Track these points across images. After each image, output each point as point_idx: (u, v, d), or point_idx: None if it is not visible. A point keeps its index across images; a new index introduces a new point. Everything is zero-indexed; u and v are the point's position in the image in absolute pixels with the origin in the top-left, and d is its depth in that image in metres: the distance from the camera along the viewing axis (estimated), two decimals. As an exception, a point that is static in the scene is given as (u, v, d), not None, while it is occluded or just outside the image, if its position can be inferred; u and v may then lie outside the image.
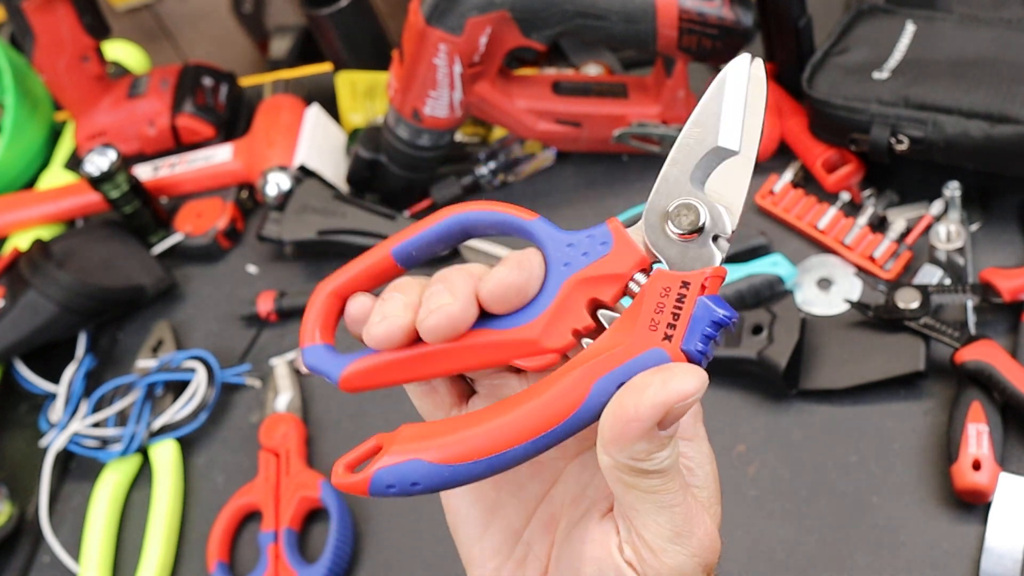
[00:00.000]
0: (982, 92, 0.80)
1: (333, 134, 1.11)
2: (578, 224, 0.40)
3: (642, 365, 0.35)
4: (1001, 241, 0.84)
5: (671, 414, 0.34)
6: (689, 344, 0.35)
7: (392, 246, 0.40)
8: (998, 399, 0.73)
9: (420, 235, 0.39)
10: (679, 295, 0.36)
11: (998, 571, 0.67)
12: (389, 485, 0.36)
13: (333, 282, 0.40)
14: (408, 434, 0.37)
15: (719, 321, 0.35)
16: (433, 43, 0.87)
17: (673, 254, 0.37)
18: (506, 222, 0.39)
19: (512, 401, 0.36)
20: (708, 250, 0.37)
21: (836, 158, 0.90)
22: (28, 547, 0.90)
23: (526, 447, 0.35)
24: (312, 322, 0.40)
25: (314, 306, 0.40)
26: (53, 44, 1.12)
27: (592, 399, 0.35)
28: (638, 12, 0.86)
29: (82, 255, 1.03)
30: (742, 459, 0.78)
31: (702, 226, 0.37)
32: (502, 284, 0.37)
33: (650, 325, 0.35)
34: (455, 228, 0.39)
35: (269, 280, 1.04)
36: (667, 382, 0.33)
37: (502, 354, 0.38)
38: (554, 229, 0.38)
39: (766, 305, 0.82)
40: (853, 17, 0.92)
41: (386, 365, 0.39)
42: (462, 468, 0.35)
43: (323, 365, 0.40)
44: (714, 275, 0.36)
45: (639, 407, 0.33)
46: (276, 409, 0.92)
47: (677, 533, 0.36)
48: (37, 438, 0.96)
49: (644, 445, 0.34)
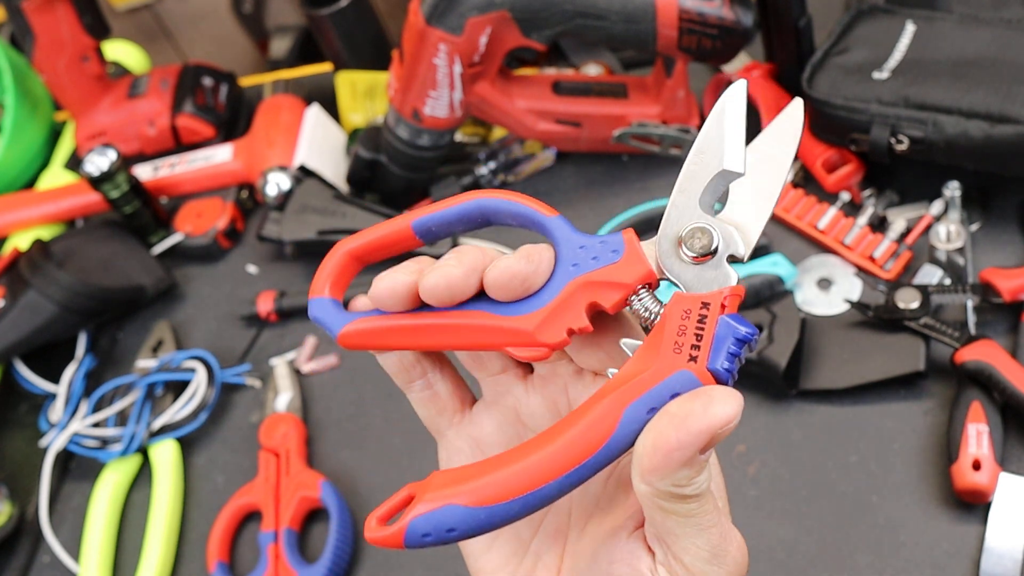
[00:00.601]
0: (982, 92, 0.80)
1: (333, 134, 1.11)
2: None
3: (670, 388, 0.35)
4: (1001, 241, 0.84)
5: (713, 439, 0.33)
6: (715, 363, 0.35)
7: (414, 218, 0.40)
8: (998, 399, 0.73)
9: (442, 212, 0.40)
10: (700, 316, 0.36)
11: (998, 571, 0.67)
12: (425, 534, 0.36)
13: (352, 242, 0.41)
14: (440, 480, 0.36)
15: (742, 338, 0.35)
16: (433, 43, 0.87)
17: (689, 277, 0.37)
18: (526, 215, 0.39)
19: (542, 438, 0.36)
20: (723, 270, 0.37)
21: (836, 158, 0.90)
22: (28, 547, 0.90)
23: (560, 482, 0.35)
24: (325, 276, 0.42)
25: (330, 261, 0.42)
26: (53, 44, 1.12)
27: (624, 427, 0.35)
28: (638, 12, 0.86)
29: (82, 255, 1.03)
30: (742, 459, 0.78)
31: (715, 248, 0.37)
32: (508, 271, 0.38)
33: (674, 348, 0.35)
34: (476, 212, 0.40)
35: (269, 280, 1.05)
36: (707, 407, 0.33)
37: (496, 338, 0.38)
38: (571, 230, 0.39)
39: (766, 305, 0.82)
40: (853, 17, 0.92)
41: (384, 329, 0.40)
42: (498, 509, 0.35)
43: (326, 318, 0.41)
44: (732, 294, 0.36)
45: (681, 435, 0.33)
46: (276, 409, 0.92)
47: (714, 554, 0.36)
48: (37, 438, 0.96)
49: (686, 472, 0.34)
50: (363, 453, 0.88)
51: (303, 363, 0.95)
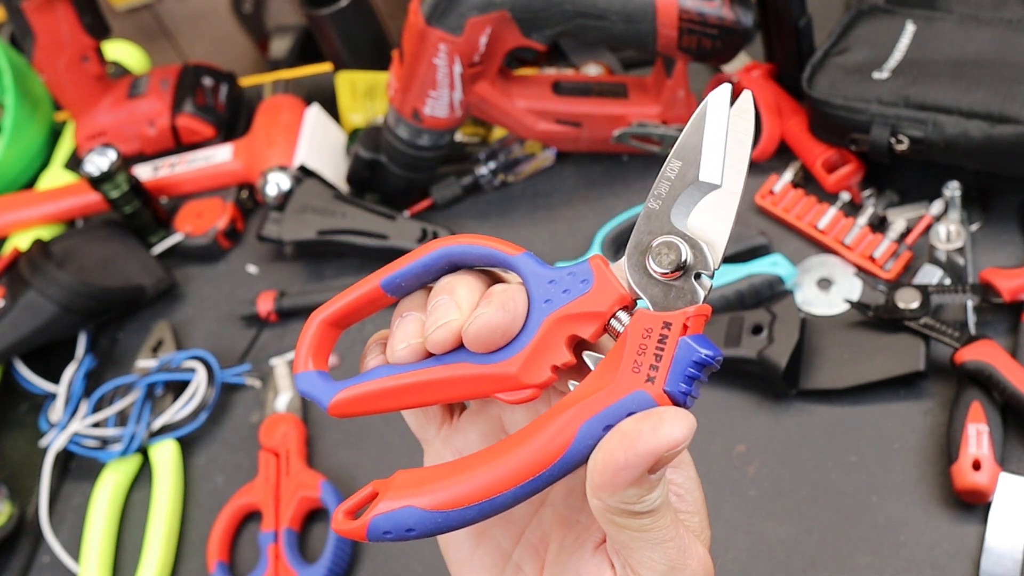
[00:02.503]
0: (982, 92, 0.80)
1: (333, 134, 1.11)
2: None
3: (626, 408, 0.35)
4: (1001, 241, 0.84)
5: (660, 461, 0.34)
6: (672, 385, 0.35)
7: (381, 277, 0.40)
8: (998, 399, 0.73)
9: (408, 267, 0.40)
10: (660, 336, 0.36)
11: (998, 571, 0.67)
12: (386, 531, 0.36)
13: (325, 311, 0.41)
14: (402, 481, 0.37)
15: (701, 361, 0.35)
16: (433, 43, 0.87)
17: (656, 293, 0.37)
18: (492, 256, 0.39)
19: (501, 446, 0.37)
20: (691, 288, 0.37)
21: (836, 158, 0.90)
22: (28, 547, 0.90)
23: (515, 492, 0.36)
24: (305, 350, 0.41)
25: (307, 334, 0.41)
26: (53, 44, 1.12)
27: (579, 442, 0.35)
28: (638, 12, 0.86)
29: (82, 255, 1.03)
30: (742, 459, 0.78)
31: (684, 264, 0.37)
32: (486, 327, 0.37)
33: (633, 367, 0.36)
34: (442, 260, 0.40)
35: (269, 280, 1.05)
36: (656, 429, 0.33)
37: (483, 387, 0.38)
38: (538, 264, 0.39)
39: (766, 305, 0.82)
40: (853, 17, 0.92)
41: (372, 394, 0.40)
42: (454, 514, 0.36)
43: (314, 391, 0.41)
44: (696, 314, 0.36)
45: (628, 455, 0.33)
46: (276, 409, 0.92)
47: (672, 567, 0.36)
48: (37, 438, 0.96)
49: (635, 490, 0.34)
50: (363, 453, 0.88)
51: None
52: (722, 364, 0.80)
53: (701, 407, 0.82)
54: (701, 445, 0.79)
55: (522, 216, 1.00)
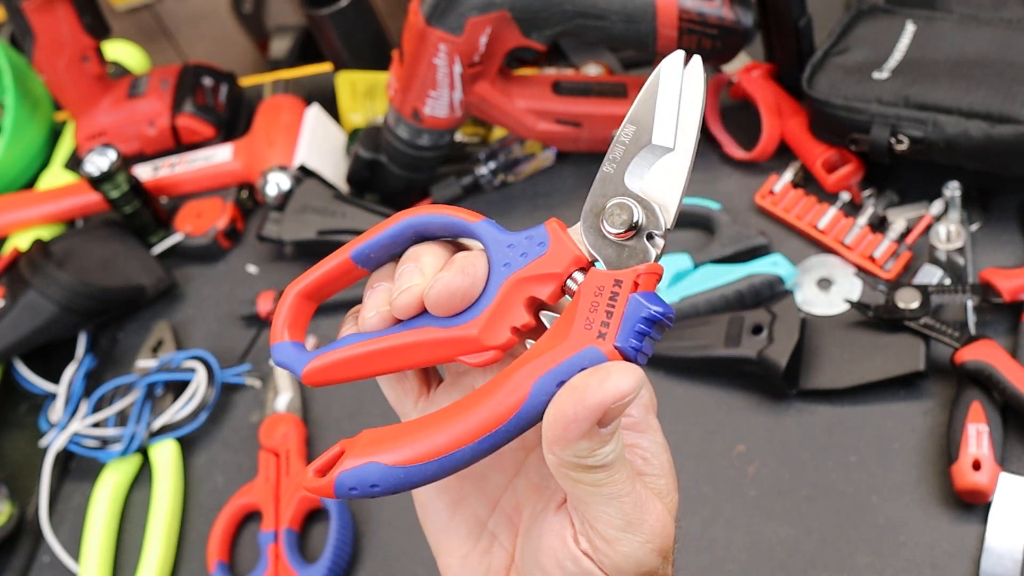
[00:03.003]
0: (982, 92, 0.80)
1: (333, 134, 1.11)
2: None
3: (578, 364, 0.36)
4: (1001, 241, 0.84)
5: (609, 413, 0.35)
6: (622, 341, 0.36)
7: (351, 250, 0.42)
8: (998, 399, 0.73)
9: (375, 238, 0.41)
10: (612, 293, 0.37)
11: (998, 571, 0.67)
12: (351, 488, 0.38)
13: (299, 284, 0.43)
14: (366, 439, 0.38)
15: (650, 317, 0.36)
16: (433, 43, 0.87)
17: (610, 253, 0.38)
18: (453, 223, 0.41)
19: (460, 404, 0.38)
20: (643, 247, 0.38)
21: (836, 158, 0.90)
22: (28, 547, 0.90)
23: (473, 447, 0.37)
24: (281, 321, 0.43)
25: (283, 306, 0.43)
26: (53, 44, 1.12)
27: (533, 399, 0.36)
28: (638, 12, 0.86)
29: (82, 255, 1.03)
30: (742, 459, 0.78)
31: (636, 224, 0.37)
32: (446, 289, 0.39)
33: (585, 324, 0.37)
34: (407, 230, 0.41)
35: (269, 280, 1.05)
36: (603, 382, 0.34)
37: (446, 351, 0.40)
38: (497, 231, 0.40)
39: (766, 305, 0.82)
40: (853, 17, 0.92)
41: (342, 361, 0.41)
42: (415, 469, 0.37)
43: (288, 360, 0.43)
44: (648, 272, 0.37)
45: (577, 408, 0.34)
46: (276, 409, 0.92)
47: (628, 522, 0.37)
48: (37, 438, 0.96)
49: (586, 444, 0.35)
50: (363, 453, 0.88)
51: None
52: (722, 363, 0.80)
53: (701, 407, 0.82)
54: (701, 445, 0.80)
55: (522, 216, 1.00)
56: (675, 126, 0.38)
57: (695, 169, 0.38)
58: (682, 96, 0.38)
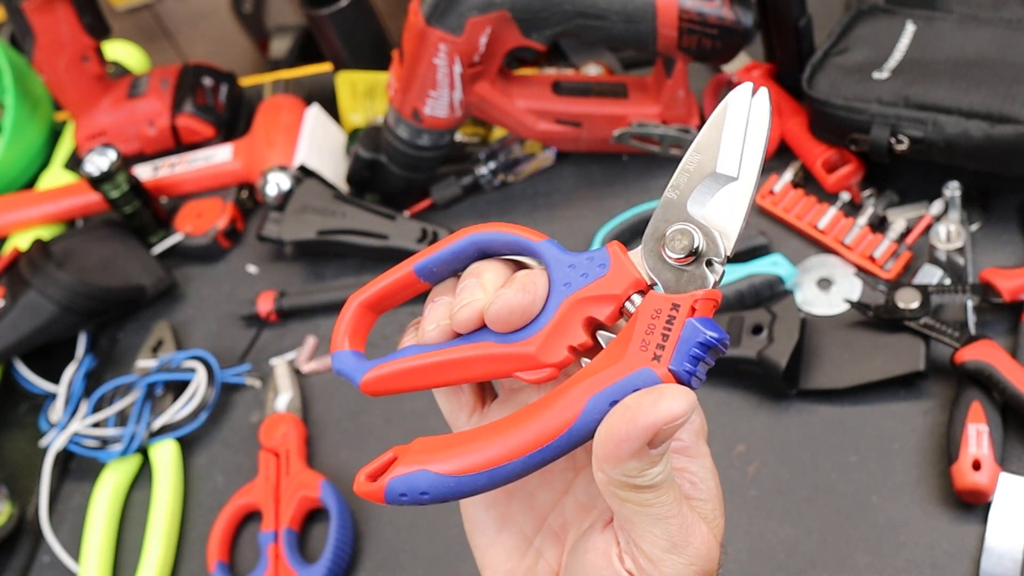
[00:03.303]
0: (982, 92, 0.80)
1: (333, 134, 1.11)
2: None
3: (632, 384, 0.36)
4: (1001, 241, 0.84)
5: (660, 434, 0.35)
6: (677, 364, 0.37)
7: (414, 263, 0.43)
8: (998, 399, 0.73)
9: (439, 253, 0.42)
10: (669, 317, 0.37)
11: (998, 571, 0.67)
12: (402, 494, 0.38)
13: (362, 294, 0.44)
14: (419, 447, 0.39)
15: (706, 342, 0.37)
16: (433, 43, 0.87)
17: (669, 277, 0.39)
18: (516, 242, 0.41)
19: (513, 418, 0.38)
20: (701, 273, 0.38)
21: (836, 158, 0.90)
22: (28, 547, 0.90)
23: (524, 461, 0.37)
24: (342, 330, 0.44)
25: (345, 315, 0.44)
26: (53, 44, 1.12)
27: (586, 416, 0.37)
28: (638, 12, 0.86)
29: (82, 255, 1.04)
30: (742, 459, 0.78)
31: (696, 250, 0.38)
32: (507, 306, 0.39)
33: (641, 346, 0.37)
34: (471, 247, 0.42)
35: (269, 280, 1.05)
36: (656, 404, 0.35)
37: (503, 366, 0.40)
38: (559, 250, 0.40)
39: (766, 305, 0.82)
40: (853, 17, 0.92)
41: (400, 372, 0.42)
42: (466, 479, 0.38)
43: (347, 369, 0.43)
44: (705, 298, 0.37)
45: (629, 428, 0.35)
46: (276, 409, 0.92)
47: (673, 543, 0.37)
48: (37, 438, 0.96)
49: (636, 463, 0.35)
50: (363, 453, 0.88)
51: (303, 363, 0.95)
52: (722, 363, 0.80)
53: (701, 407, 0.81)
54: (701, 445, 0.79)
55: (522, 216, 1.00)
56: (740, 156, 0.38)
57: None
58: (748, 127, 0.39)
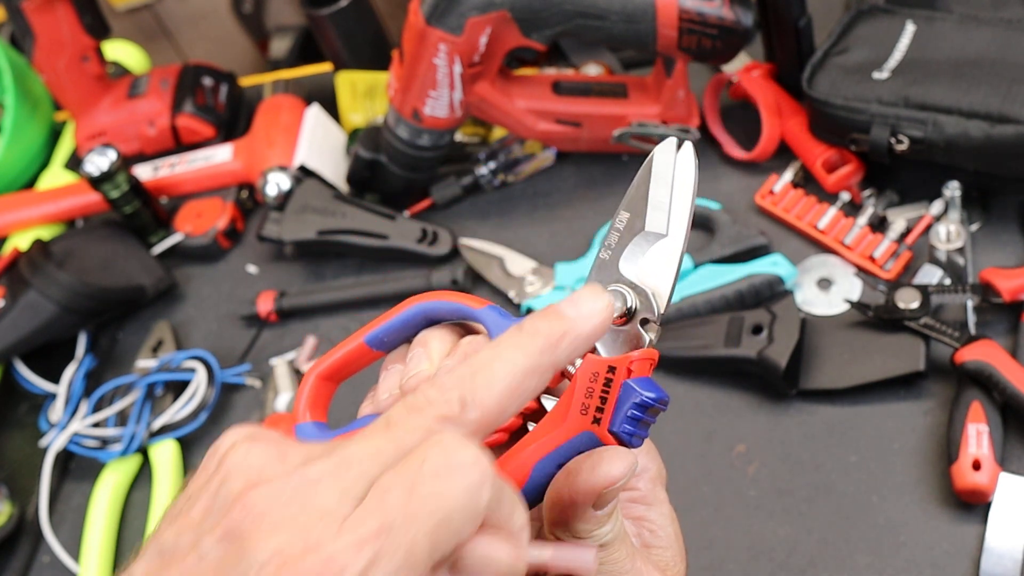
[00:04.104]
0: (982, 92, 0.80)
1: (333, 134, 1.11)
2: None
3: (575, 447, 0.37)
4: (1001, 241, 0.84)
5: (603, 497, 0.36)
6: (616, 426, 0.37)
7: (364, 335, 0.44)
8: (998, 399, 0.73)
9: (388, 323, 0.43)
10: (606, 379, 0.38)
11: (998, 571, 0.67)
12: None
13: (319, 367, 0.45)
14: None
15: (643, 403, 0.37)
16: (433, 43, 0.87)
17: (606, 339, 0.39)
18: (459, 310, 0.42)
19: None
20: (636, 333, 0.39)
21: (836, 158, 0.90)
22: (28, 547, 0.90)
23: None
24: (303, 403, 0.44)
25: (304, 388, 0.45)
26: (53, 44, 1.12)
27: (533, 481, 0.37)
28: (638, 12, 0.86)
29: (82, 255, 1.03)
30: (742, 459, 0.78)
31: (630, 310, 0.39)
32: None
33: (581, 409, 0.38)
34: (419, 316, 0.43)
35: (269, 280, 1.04)
36: (595, 468, 0.36)
37: None
38: (500, 316, 0.41)
39: (766, 305, 0.82)
40: (853, 17, 0.92)
41: None
42: None
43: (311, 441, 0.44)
44: (641, 357, 0.38)
45: (572, 493, 0.36)
46: (276, 409, 0.92)
47: None
48: (37, 438, 0.96)
49: (583, 525, 0.36)
50: (363, 453, 0.88)
51: (303, 363, 0.95)
52: (722, 364, 0.80)
53: (701, 407, 0.82)
54: (701, 445, 0.80)
55: (522, 216, 1.00)
56: (668, 213, 0.39)
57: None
58: (674, 183, 0.39)
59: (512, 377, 0.32)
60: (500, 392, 0.32)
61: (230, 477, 0.30)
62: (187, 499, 0.32)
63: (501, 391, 0.32)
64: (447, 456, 0.29)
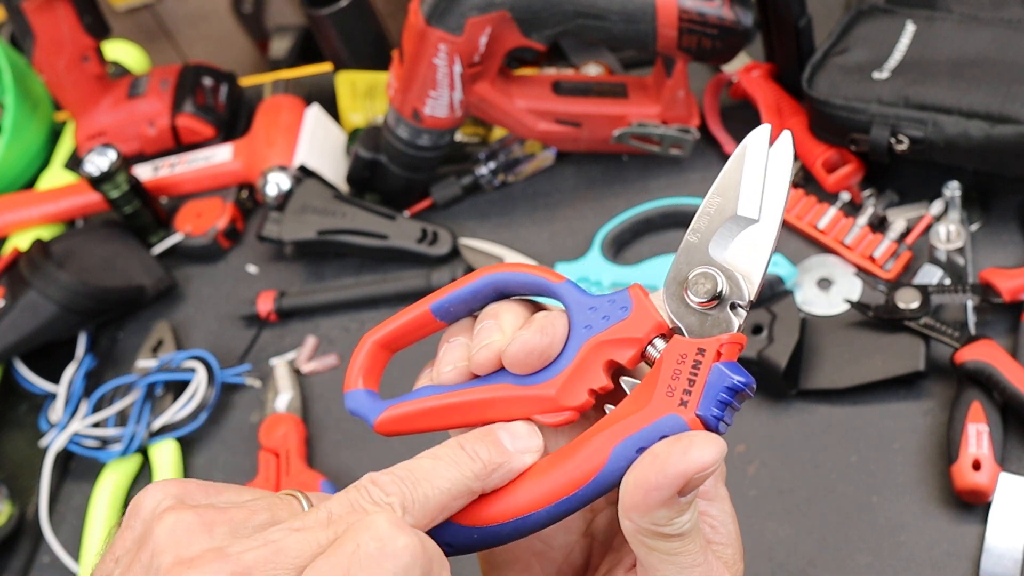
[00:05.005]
0: (982, 92, 0.80)
1: (333, 134, 1.11)
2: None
3: (659, 431, 0.36)
4: (1001, 241, 0.84)
5: (690, 483, 0.34)
6: (704, 410, 0.36)
7: (431, 302, 0.42)
8: (998, 399, 0.73)
9: (457, 292, 0.42)
10: (695, 362, 0.37)
11: (998, 571, 0.67)
12: None
13: (378, 333, 0.43)
14: None
15: (733, 387, 0.37)
16: (433, 43, 0.87)
17: (692, 321, 0.38)
18: (535, 283, 0.41)
19: (537, 467, 0.38)
20: (726, 317, 0.38)
21: (836, 158, 0.90)
22: (28, 547, 0.90)
23: (549, 510, 0.37)
24: (356, 369, 0.43)
25: (359, 354, 0.43)
26: (53, 44, 1.12)
27: (612, 464, 0.36)
28: (638, 12, 0.86)
29: (82, 255, 1.03)
30: (742, 459, 0.78)
31: (719, 294, 0.38)
32: (524, 347, 0.39)
33: (667, 391, 0.37)
34: (488, 287, 0.41)
35: (269, 280, 1.05)
36: (686, 452, 0.34)
37: (523, 409, 0.39)
38: (579, 292, 0.40)
39: (766, 305, 0.82)
40: (853, 17, 0.92)
41: (416, 413, 0.41)
42: (490, 530, 0.37)
43: (361, 409, 0.42)
44: (731, 342, 0.37)
45: (659, 477, 0.34)
46: (276, 409, 0.92)
47: None
48: (37, 438, 0.96)
49: (665, 512, 0.35)
50: (363, 453, 0.88)
51: (303, 363, 0.96)
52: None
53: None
54: (701, 445, 0.79)
55: (522, 216, 1.00)
56: (760, 198, 0.38)
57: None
58: (768, 168, 0.38)
59: (448, 495, 0.35)
60: (434, 506, 0.34)
61: (159, 551, 0.31)
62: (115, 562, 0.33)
63: (435, 506, 0.34)
64: (381, 542, 0.30)
